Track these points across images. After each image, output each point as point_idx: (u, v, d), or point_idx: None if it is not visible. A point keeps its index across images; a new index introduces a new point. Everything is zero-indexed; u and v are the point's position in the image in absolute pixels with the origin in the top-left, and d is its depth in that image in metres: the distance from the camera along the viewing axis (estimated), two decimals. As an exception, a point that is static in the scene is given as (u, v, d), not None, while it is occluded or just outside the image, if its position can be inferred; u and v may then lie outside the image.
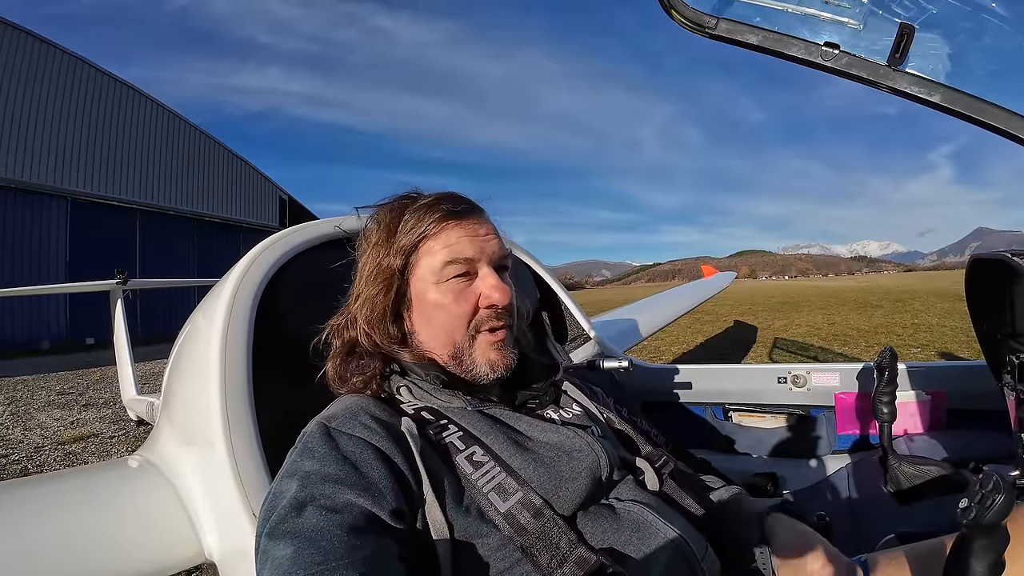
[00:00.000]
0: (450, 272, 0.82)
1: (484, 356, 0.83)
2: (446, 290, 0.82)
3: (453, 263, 0.82)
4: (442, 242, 0.83)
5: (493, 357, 0.84)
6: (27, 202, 15.07)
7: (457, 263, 0.82)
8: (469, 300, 0.83)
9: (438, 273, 0.82)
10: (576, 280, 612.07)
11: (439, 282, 0.82)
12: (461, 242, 0.83)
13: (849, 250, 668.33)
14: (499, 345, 0.84)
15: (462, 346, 0.83)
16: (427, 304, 0.83)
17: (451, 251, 0.82)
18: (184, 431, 1.08)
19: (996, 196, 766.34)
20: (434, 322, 0.83)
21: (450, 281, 0.82)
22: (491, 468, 0.72)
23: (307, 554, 0.56)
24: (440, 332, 0.83)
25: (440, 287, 0.82)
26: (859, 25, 1.04)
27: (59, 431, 5.10)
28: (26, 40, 15.29)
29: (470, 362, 0.83)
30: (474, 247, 0.83)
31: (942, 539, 0.75)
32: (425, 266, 0.83)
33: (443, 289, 0.82)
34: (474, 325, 0.83)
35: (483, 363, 0.83)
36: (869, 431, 1.61)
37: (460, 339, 0.83)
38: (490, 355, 0.84)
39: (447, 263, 0.82)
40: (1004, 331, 1.22)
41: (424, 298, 0.83)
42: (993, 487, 0.54)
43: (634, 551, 0.71)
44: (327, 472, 0.64)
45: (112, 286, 4.95)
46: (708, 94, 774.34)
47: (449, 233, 0.83)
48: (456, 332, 0.83)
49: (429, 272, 0.83)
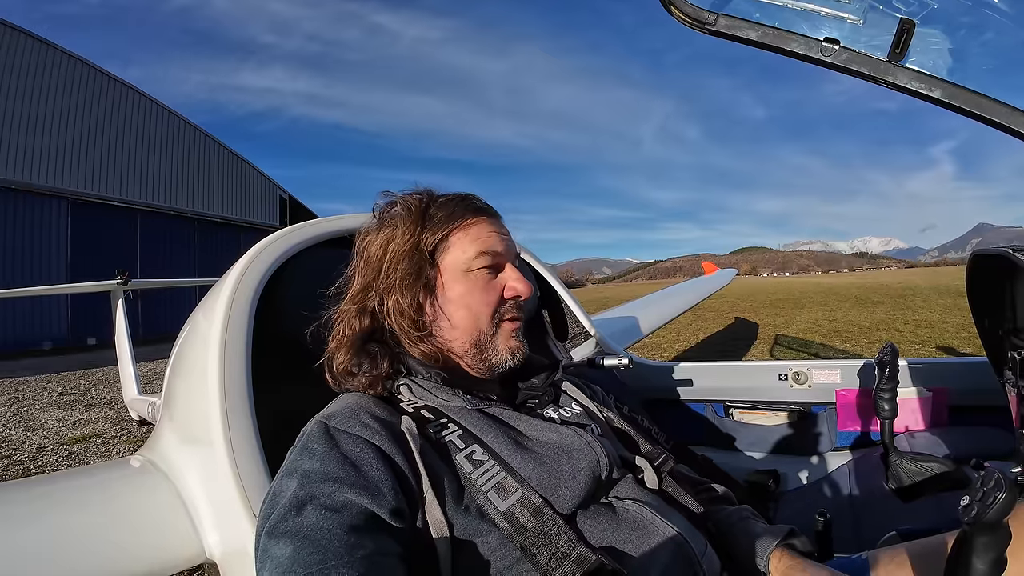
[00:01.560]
0: (480, 263, 0.86)
1: (506, 344, 0.87)
2: (475, 279, 0.86)
3: (485, 255, 0.86)
4: (473, 235, 0.87)
5: (513, 345, 0.88)
6: (28, 203, 15.06)
7: (487, 255, 0.86)
8: (496, 290, 0.87)
9: (469, 263, 0.85)
10: (577, 277, 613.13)
11: (469, 271, 0.85)
12: (492, 237, 0.88)
13: (850, 246, 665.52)
14: (517, 334, 0.89)
15: (487, 334, 0.86)
16: (455, 292, 0.85)
17: (484, 243, 0.86)
18: (184, 430, 1.08)
19: (998, 192, 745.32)
20: (461, 310, 0.85)
21: (479, 271, 0.86)
22: (491, 467, 0.72)
23: (307, 553, 0.56)
24: (467, 319, 0.85)
25: (469, 276, 0.85)
26: (859, 20, 1.03)
27: (61, 431, 5.11)
28: (25, 41, 15.27)
29: (492, 350, 0.86)
30: (502, 243, 0.88)
31: (943, 536, 0.75)
32: (455, 256, 0.86)
33: (472, 279, 0.85)
34: (499, 314, 0.87)
35: (505, 350, 0.87)
36: (870, 428, 1.61)
37: (486, 327, 0.86)
38: (511, 343, 0.88)
39: (480, 253, 0.86)
40: (1006, 327, 1.22)
41: (452, 286, 0.85)
42: (995, 484, 0.53)
43: (633, 549, 0.71)
44: (327, 471, 0.64)
45: (113, 286, 4.96)
46: (708, 90, 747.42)
47: (480, 227, 0.88)
48: (482, 320, 0.86)
49: (460, 262, 0.85)
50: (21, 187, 14.84)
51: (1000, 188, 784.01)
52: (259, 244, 1.11)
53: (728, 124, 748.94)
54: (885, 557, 0.78)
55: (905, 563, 0.75)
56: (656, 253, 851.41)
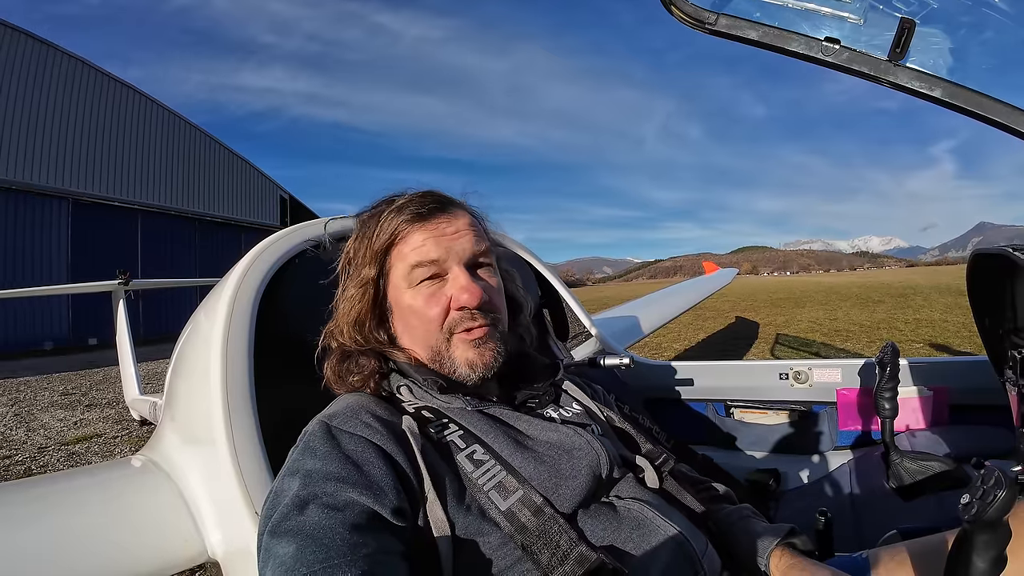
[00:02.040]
0: (418, 275, 0.82)
1: (462, 356, 0.82)
2: (417, 294, 0.82)
3: (419, 266, 0.81)
4: (410, 245, 0.82)
5: (471, 356, 0.82)
6: (28, 203, 15.08)
7: (423, 266, 0.81)
8: (440, 302, 0.81)
9: (407, 277, 0.82)
10: (577, 277, 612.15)
11: (411, 286, 0.82)
12: (426, 244, 0.81)
13: (851, 246, 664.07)
14: (477, 343, 0.82)
15: (439, 348, 0.82)
16: (403, 308, 0.84)
17: (417, 253, 0.81)
18: (186, 430, 1.08)
19: (998, 191, 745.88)
20: (411, 326, 0.84)
21: (421, 284, 0.82)
22: (492, 467, 0.72)
23: (309, 552, 0.56)
24: (417, 336, 0.83)
25: (412, 291, 0.82)
26: (860, 20, 1.03)
27: (62, 431, 5.12)
28: (26, 41, 15.28)
29: (450, 363, 0.82)
30: (439, 248, 0.82)
31: (944, 535, 0.75)
32: (397, 271, 0.83)
33: (415, 293, 0.82)
34: (447, 327, 0.82)
35: (462, 363, 0.82)
36: (871, 427, 1.61)
37: (436, 342, 0.82)
38: (468, 355, 0.82)
39: (414, 266, 0.81)
40: (1006, 326, 1.22)
41: (400, 303, 0.84)
42: (995, 483, 0.54)
43: (634, 548, 0.71)
44: (329, 470, 0.64)
45: (114, 286, 4.97)
46: (710, 89, 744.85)
47: (415, 235, 0.82)
48: (431, 335, 0.82)
49: (401, 277, 0.83)
50: (22, 188, 14.85)
51: (1001, 187, 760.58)
52: (261, 244, 1.11)
53: (729, 123, 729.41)
54: (886, 556, 0.78)
55: (906, 561, 0.75)
56: (657, 252, 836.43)
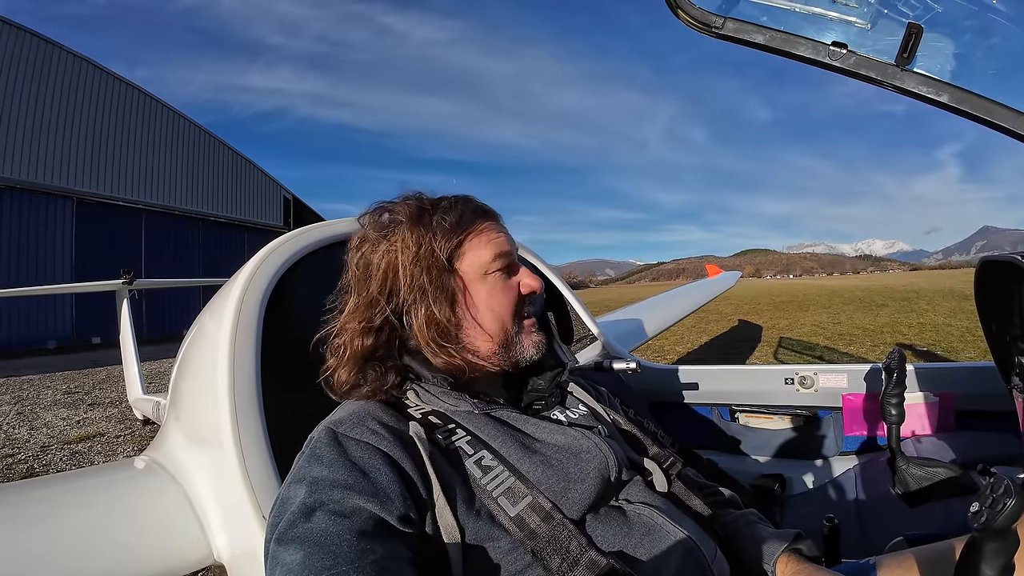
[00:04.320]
0: (496, 265, 0.86)
1: (530, 339, 0.88)
2: (494, 282, 0.86)
3: (500, 257, 0.87)
4: (486, 238, 0.87)
5: (536, 339, 0.89)
6: (33, 202, 15.16)
7: (502, 257, 0.87)
8: (513, 289, 0.88)
9: (487, 266, 0.86)
10: (580, 279, 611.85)
11: (487, 274, 0.86)
12: (501, 238, 0.89)
13: (854, 249, 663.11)
14: (534, 328, 0.90)
15: (513, 332, 0.87)
16: (479, 297, 0.85)
17: (497, 245, 0.87)
18: (192, 431, 1.08)
19: (1002, 194, 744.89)
20: (487, 314, 0.86)
21: (496, 274, 0.87)
22: (500, 472, 0.72)
23: (316, 559, 0.56)
24: (494, 321, 0.86)
25: (488, 280, 0.86)
26: (867, 25, 1.03)
27: (65, 430, 5.13)
28: (31, 41, 15.37)
29: (519, 347, 0.87)
30: (511, 244, 0.90)
31: (951, 542, 0.74)
32: (472, 261, 0.86)
33: (491, 282, 0.86)
34: (520, 314, 0.88)
35: (530, 345, 0.88)
36: (877, 433, 1.60)
37: (512, 326, 0.87)
38: (533, 337, 0.89)
39: (496, 256, 0.86)
40: (1013, 332, 1.21)
41: (475, 291, 0.85)
42: (1004, 491, 0.53)
43: (644, 554, 0.71)
44: (335, 478, 0.64)
45: (118, 286, 4.99)
46: (715, 92, 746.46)
47: (490, 230, 0.88)
48: (507, 320, 0.87)
49: (478, 266, 0.85)
50: (27, 187, 14.93)
51: (1005, 191, 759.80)
52: (269, 246, 1.11)
53: (734, 126, 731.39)
54: (892, 563, 0.78)
55: (913, 569, 0.74)
56: (660, 255, 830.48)
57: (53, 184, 15.54)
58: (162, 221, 18.72)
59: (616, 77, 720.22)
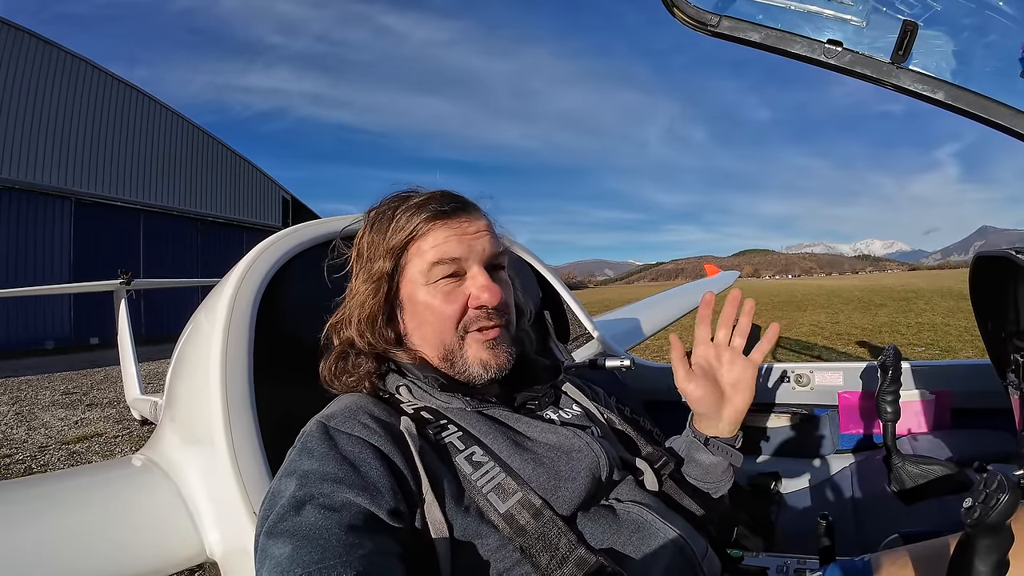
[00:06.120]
0: (438, 273, 0.81)
1: (476, 356, 0.83)
2: (435, 291, 0.82)
3: (440, 263, 0.81)
4: (430, 242, 0.82)
5: (485, 357, 0.83)
6: (31, 202, 15.15)
7: (444, 263, 0.81)
8: (458, 300, 0.82)
9: (426, 274, 0.81)
10: (579, 279, 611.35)
11: (428, 283, 0.82)
12: (449, 242, 0.82)
13: (853, 249, 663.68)
14: (491, 344, 0.83)
15: (452, 347, 0.83)
16: (418, 305, 0.83)
17: (438, 251, 0.81)
18: (186, 430, 1.08)
19: (1001, 194, 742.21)
20: (424, 323, 0.83)
21: (439, 282, 0.82)
22: (490, 468, 0.72)
23: (305, 552, 0.56)
24: (430, 333, 0.83)
25: (429, 288, 0.82)
26: (862, 22, 1.03)
27: (63, 431, 5.13)
28: (29, 41, 15.36)
29: (462, 363, 0.83)
30: (462, 246, 0.82)
31: (946, 539, 0.74)
32: (415, 267, 0.82)
33: (432, 290, 0.82)
34: (463, 325, 0.82)
35: (475, 363, 0.82)
36: (873, 430, 1.60)
37: (449, 340, 0.82)
38: (482, 355, 0.83)
39: (434, 263, 0.81)
40: (1009, 329, 1.21)
41: (414, 299, 0.83)
42: (997, 486, 0.53)
43: (634, 551, 0.71)
44: (326, 471, 0.64)
45: (116, 286, 4.98)
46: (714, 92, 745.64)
47: (437, 233, 0.82)
48: (445, 333, 0.82)
49: (418, 273, 0.82)
50: (25, 187, 14.91)
51: (1004, 191, 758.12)
52: (261, 244, 1.11)
53: (733, 126, 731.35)
54: (887, 560, 0.78)
55: (907, 565, 0.74)
56: (658, 255, 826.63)
57: (51, 184, 15.53)
58: (160, 221, 18.71)
59: (615, 77, 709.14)
